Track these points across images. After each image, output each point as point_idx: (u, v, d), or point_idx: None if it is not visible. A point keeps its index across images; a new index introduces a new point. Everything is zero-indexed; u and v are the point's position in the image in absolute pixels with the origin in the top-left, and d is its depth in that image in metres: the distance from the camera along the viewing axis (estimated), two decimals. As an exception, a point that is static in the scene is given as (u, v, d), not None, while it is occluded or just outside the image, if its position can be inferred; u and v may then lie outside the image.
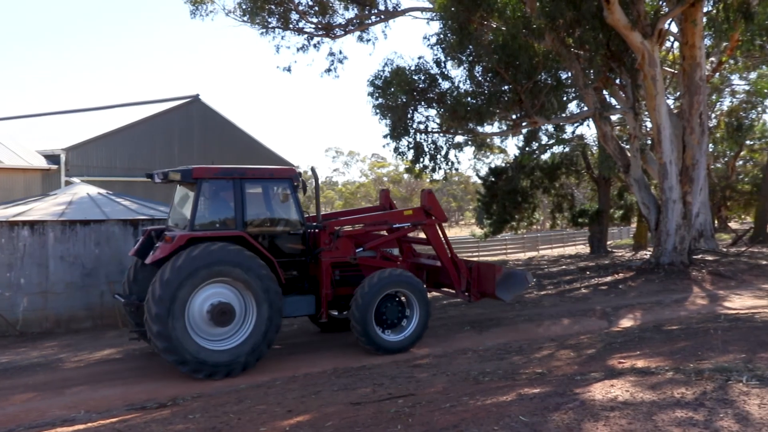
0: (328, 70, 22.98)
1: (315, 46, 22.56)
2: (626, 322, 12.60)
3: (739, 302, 14.24)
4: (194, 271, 9.00)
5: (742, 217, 43.49)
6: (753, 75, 31.97)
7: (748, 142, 36.38)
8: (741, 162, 41.15)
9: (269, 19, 21.60)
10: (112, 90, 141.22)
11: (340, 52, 23.22)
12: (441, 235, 11.92)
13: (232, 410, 7.03)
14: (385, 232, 12.09)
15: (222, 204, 10.21)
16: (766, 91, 28.94)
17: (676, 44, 22.85)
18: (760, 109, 34.78)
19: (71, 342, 12.31)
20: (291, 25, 21.93)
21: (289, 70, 22.81)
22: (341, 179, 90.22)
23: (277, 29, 21.94)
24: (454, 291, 12.18)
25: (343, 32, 22.53)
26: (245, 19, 21.61)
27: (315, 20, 22.11)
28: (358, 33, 22.88)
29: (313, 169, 10.94)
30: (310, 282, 10.75)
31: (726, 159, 39.04)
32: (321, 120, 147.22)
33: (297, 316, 11.04)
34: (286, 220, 10.68)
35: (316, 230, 10.77)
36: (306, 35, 22.36)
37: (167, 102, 26.60)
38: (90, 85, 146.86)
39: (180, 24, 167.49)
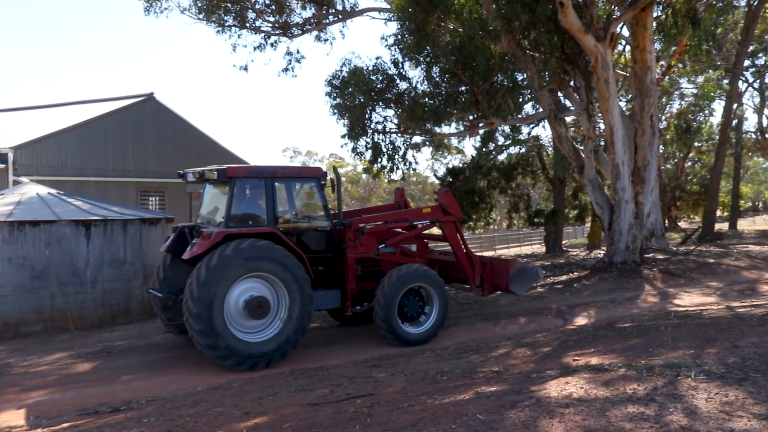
0: (286, 70, 22.85)
1: (272, 45, 22.39)
2: (581, 320, 12.83)
3: (688, 299, 14.63)
4: (232, 266, 9.37)
5: (691, 216, 44.72)
6: (700, 79, 32.92)
7: (696, 143, 37.43)
8: (690, 163, 42.37)
9: (225, 18, 21.34)
10: (65, 89, 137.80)
11: (298, 52, 23.03)
12: (457, 232, 12.48)
13: (188, 413, 6.92)
14: (399, 229, 12.47)
15: (254, 202, 10.65)
16: (712, 94, 29.81)
17: (628, 48, 23.35)
18: (707, 111, 35.88)
19: (20, 346, 11.95)
20: (248, 24, 21.71)
21: (246, 69, 22.60)
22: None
23: (233, 28, 21.70)
24: (467, 285, 12.72)
25: (300, 32, 22.42)
26: (201, 17, 21.29)
27: (272, 19, 21.94)
28: (315, 32, 22.79)
29: (335, 169, 11.56)
30: (336, 277, 11.22)
31: (675, 160, 40.13)
32: (279, 119, 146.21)
33: (323, 310, 11.50)
34: (314, 217, 11.25)
35: (342, 227, 11.27)
36: (263, 34, 22.18)
37: (121, 100, 26.06)
38: (41, 84, 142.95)
39: (135, 22, 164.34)
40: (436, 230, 13.37)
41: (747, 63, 33.78)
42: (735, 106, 30.45)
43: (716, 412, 4.71)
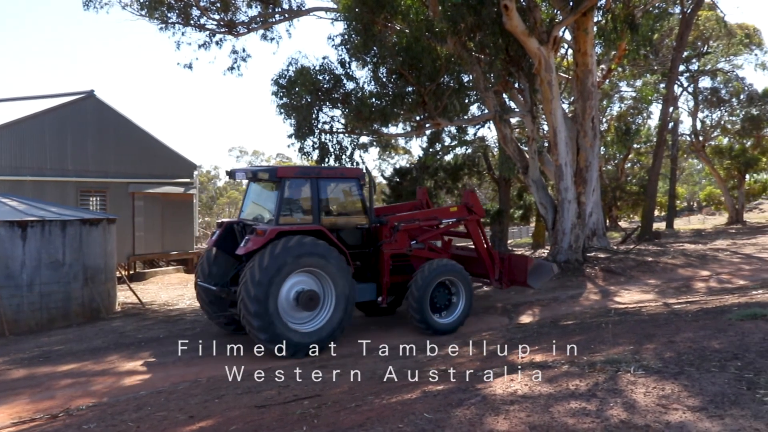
0: (231, 68, 22.53)
1: (217, 43, 22.05)
2: (526, 318, 13.07)
3: (628, 297, 15.06)
4: (287, 260, 10.05)
5: (631, 216, 46.02)
6: (639, 82, 34.02)
7: (635, 145, 38.63)
8: (629, 164, 43.63)
9: (169, 14, 20.89)
10: (1, 86, 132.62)
11: (244, 50, 22.89)
12: (479, 230, 13.38)
13: (130, 418, 6.75)
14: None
15: (301, 200, 11.36)
16: (650, 98, 30.77)
17: (570, 51, 23.88)
18: (645, 114, 37.09)
19: (-50, 354, 11.46)
20: (192, 22, 21.31)
21: (190, 67, 22.17)
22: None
23: (177, 25, 21.25)
24: (486, 279, 13.67)
25: (246, 30, 22.14)
26: (143, 13, 20.78)
27: (217, 17, 21.60)
28: (262, 31, 22.55)
29: (367, 169, 12.26)
30: (372, 271, 11.91)
31: (616, 161, 41.26)
32: (224, 118, 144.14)
33: (361, 302, 12.02)
34: (354, 215, 11.93)
35: (378, 224, 11.97)
36: (208, 32, 21.80)
37: (59, 98, 25.22)
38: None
39: (74, 17, 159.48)
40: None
41: (682, 68, 35.02)
42: (671, 109, 31.47)
43: (653, 406, 4.86)
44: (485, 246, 13.45)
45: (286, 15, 22.51)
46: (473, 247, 13.68)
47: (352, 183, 11.84)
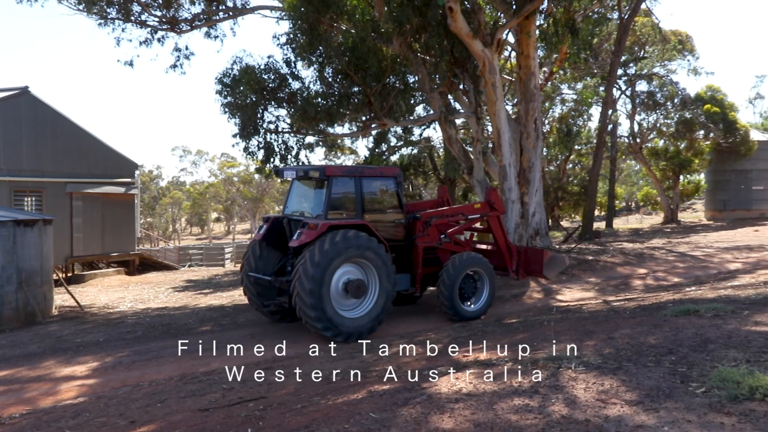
0: (174, 66, 22.05)
1: (159, 40, 21.55)
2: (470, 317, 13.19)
3: (570, 295, 15.41)
4: (339, 252, 10.87)
5: (572, 216, 47.03)
6: (579, 85, 34.85)
7: (576, 146, 39.53)
8: (571, 165, 44.58)
9: (108, 10, 20.27)
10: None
11: (187, 48, 22.31)
12: (500, 224, 14.34)
13: (67, 425, 6.55)
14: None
15: (346, 197, 12.04)
16: (590, 100, 31.57)
17: (514, 54, 24.29)
18: (585, 116, 38.01)
19: None
20: (132, 18, 20.74)
21: (131, 64, 21.59)
22: (189, 179, 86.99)
23: (117, 21, 20.66)
24: (502, 271, 14.44)
25: (189, 27, 21.70)
26: (81, 7, 20.13)
27: (159, 13, 21.10)
28: (205, 29, 22.14)
29: (399, 169, 13.26)
30: (406, 263, 12.74)
31: (558, 162, 42.11)
32: (167, 117, 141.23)
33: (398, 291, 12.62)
34: (393, 210, 12.80)
35: (412, 220, 12.94)
36: (149, 29, 21.27)
37: (-9, 94, 24.24)
38: None
39: (7, 10, 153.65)
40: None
41: (620, 72, 36.01)
42: (610, 112, 32.32)
43: (593, 401, 4.99)
44: (505, 240, 14.45)
45: (231, 13, 22.19)
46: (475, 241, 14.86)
47: (389, 181, 12.76)
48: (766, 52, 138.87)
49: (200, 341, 11.45)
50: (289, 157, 20.54)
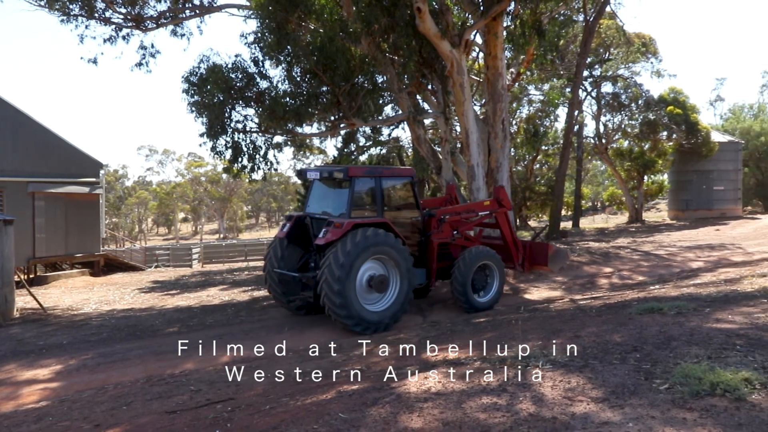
0: (140, 64, 21.70)
1: (124, 38, 21.19)
2: (439, 316, 13.26)
3: (537, 294, 15.58)
4: (363, 249, 11.47)
5: (540, 215, 47.54)
6: (546, 86, 35.25)
7: (543, 147, 39.99)
8: (538, 165, 45.10)
9: (71, 6, 19.84)
10: None
11: (152, 46, 21.99)
12: (507, 220, 15.13)
13: (30, 429, 6.41)
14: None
15: (367, 196, 12.72)
16: (557, 101, 31.96)
17: (482, 55, 24.45)
18: (552, 117, 38.47)
19: None
20: (96, 14, 20.35)
21: (95, 62, 21.19)
22: (156, 179, 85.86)
23: (80, 17, 20.26)
24: (510, 264, 15.09)
25: (155, 25, 21.40)
26: (42, 3, 19.70)
27: (124, 10, 20.75)
28: (171, 27, 21.85)
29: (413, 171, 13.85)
30: (422, 258, 13.35)
31: (525, 162, 42.56)
32: (133, 116, 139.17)
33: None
34: (410, 208, 13.43)
35: (427, 217, 13.57)
36: (114, 26, 20.90)
37: (-52, 91, 23.60)
38: None
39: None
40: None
41: (586, 73, 36.54)
42: (576, 113, 32.78)
43: (560, 399, 5.05)
44: (512, 234, 15.21)
45: (197, 11, 21.94)
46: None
47: (406, 180, 13.40)
48: (726, 55, 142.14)
49: (190, 340, 11.31)
50: (257, 156, 20.37)
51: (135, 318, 15.09)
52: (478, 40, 22.39)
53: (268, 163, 20.85)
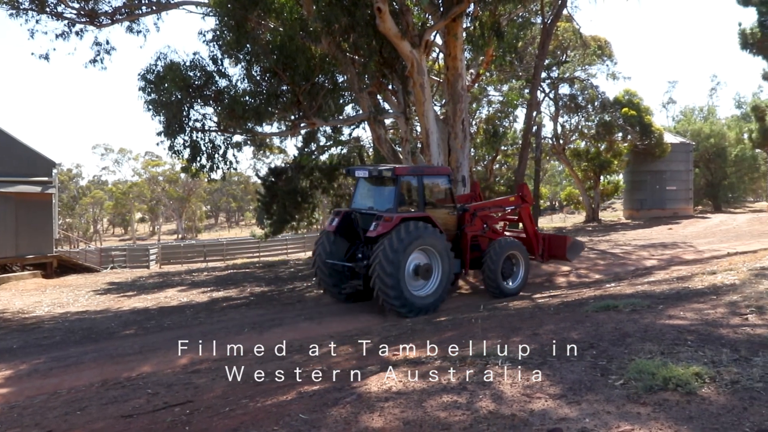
0: (94, 61, 21.23)
1: (77, 33, 20.70)
2: (400, 317, 13.28)
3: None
4: (411, 241, 12.73)
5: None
6: (505, 87, 35.61)
7: (502, 147, 40.37)
8: (497, 165, 45.51)
9: (20, 0, 19.34)
10: None
11: (107, 42, 21.47)
12: (529, 215, 16.43)
13: (-23, 439, 6.22)
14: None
15: (411, 193, 14.00)
16: (515, 102, 32.32)
17: (442, 55, 24.58)
18: (511, 118, 38.85)
19: None
20: (48, 9, 19.82)
21: (47, 58, 20.64)
22: (111, 178, 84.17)
23: (30, 11, 19.71)
24: (531, 255, 16.12)
25: (110, 21, 20.95)
26: (-10, -4, 19.13)
27: (77, 5, 20.26)
28: (127, 23, 21.44)
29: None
30: (456, 249, 14.35)
31: (485, 162, 42.91)
32: (88, 114, 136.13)
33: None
34: (446, 204, 14.71)
35: (462, 212, 14.88)
36: (66, 21, 20.41)
37: None
38: None
39: None
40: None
41: (544, 75, 37.00)
42: (534, 113, 33.14)
43: (519, 396, 5.12)
44: (533, 228, 16.52)
45: (154, 7, 21.57)
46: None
47: (443, 179, 14.70)
48: (677, 59, 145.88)
49: (131, 343, 11.11)
50: (216, 156, 20.10)
51: (90, 320, 14.78)
52: (438, 40, 22.51)
53: (228, 163, 20.58)
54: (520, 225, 17.00)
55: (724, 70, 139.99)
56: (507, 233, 16.79)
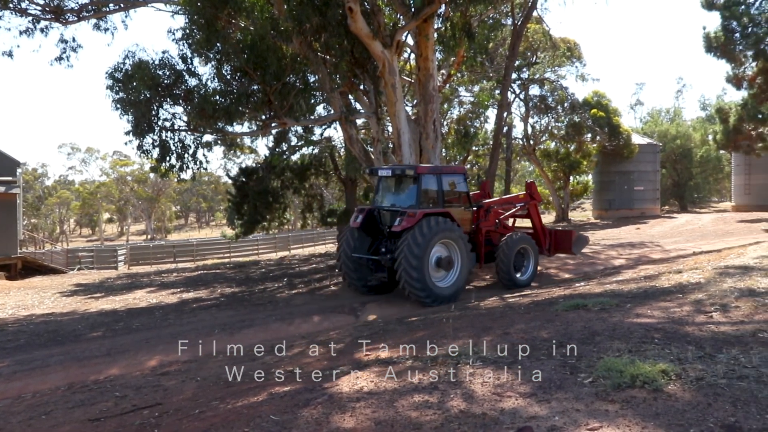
0: (60, 59, 20.87)
1: (42, 30, 20.31)
2: (372, 316, 13.31)
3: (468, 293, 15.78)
4: (434, 234, 13.71)
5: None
6: (476, 88, 35.83)
7: (473, 147, 40.59)
8: (468, 166, 45.75)
9: (-18, -4, 18.91)
10: None
11: (74, 40, 21.09)
12: (537, 212, 17.45)
13: (-62, 445, 6.07)
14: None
15: (430, 190, 14.82)
16: (486, 103, 32.53)
17: (413, 56, 24.62)
18: (482, 118, 39.08)
19: None
20: (11, 5, 19.39)
21: (10, 55, 20.23)
22: (78, 178, 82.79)
23: (-8, 7, 19.28)
24: (539, 250, 17.11)
25: (76, 18, 20.59)
26: (-49, -9, 18.66)
27: (42, 2, 19.89)
28: (94, 20, 21.10)
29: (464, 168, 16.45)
30: (472, 243, 15.20)
31: (456, 163, 43.12)
32: (54, 113, 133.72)
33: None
34: (463, 201, 15.65)
35: (476, 208, 15.92)
36: (31, 17, 20.01)
37: None
38: None
39: None
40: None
41: (514, 76, 37.33)
42: (505, 114, 33.42)
43: (490, 395, 5.15)
44: (540, 224, 17.47)
45: (122, 5, 21.26)
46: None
47: (459, 177, 15.65)
48: (645, 61, 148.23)
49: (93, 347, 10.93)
50: (185, 155, 19.87)
51: (56, 323, 14.52)
52: (410, 41, 22.54)
53: (198, 163, 20.36)
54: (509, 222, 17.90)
55: (689, 73, 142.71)
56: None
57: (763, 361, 5.46)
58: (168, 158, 19.55)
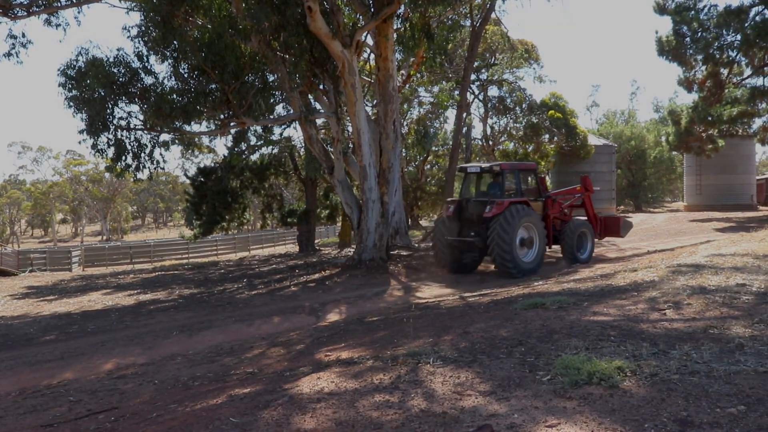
0: (9, 55, 20.25)
1: (-9, 26, 19.72)
2: (333, 317, 13.27)
3: (429, 292, 15.89)
4: (519, 219, 16.39)
5: (431, 215, 48.55)
6: (436, 89, 36.05)
7: (433, 148, 40.85)
8: (428, 166, 46.01)
9: None
10: None
11: (23, 35, 20.52)
12: (590, 201, 20.16)
13: None
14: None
15: (512, 183, 17.62)
16: (446, 103, 32.76)
17: (373, 56, 24.66)
18: (442, 119, 39.41)
19: None
20: (-47, -2, 18.80)
21: (-44, 50, 19.58)
22: (30, 177, 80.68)
23: (-68, 0, 18.62)
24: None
25: (26, 13, 20.02)
26: None
27: (-11, -4, 19.30)
28: (45, 16, 20.55)
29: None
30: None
31: (416, 163, 43.33)
32: (3, 111, 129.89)
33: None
34: (536, 192, 18.55)
35: (545, 198, 18.52)
36: (-23, 12, 19.38)
37: None
38: None
39: None
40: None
41: (473, 77, 37.67)
42: (464, 115, 33.67)
43: (450, 394, 5.18)
44: (593, 212, 20.21)
45: (74, 0, 20.77)
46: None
47: (532, 171, 18.86)
48: (600, 63, 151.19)
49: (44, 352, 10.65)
50: (142, 155, 19.53)
51: (6, 326, 14.11)
52: (370, 41, 22.57)
53: (155, 162, 20.05)
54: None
55: (643, 75, 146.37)
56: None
57: (714, 357, 5.60)
58: (124, 158, 19.19)
